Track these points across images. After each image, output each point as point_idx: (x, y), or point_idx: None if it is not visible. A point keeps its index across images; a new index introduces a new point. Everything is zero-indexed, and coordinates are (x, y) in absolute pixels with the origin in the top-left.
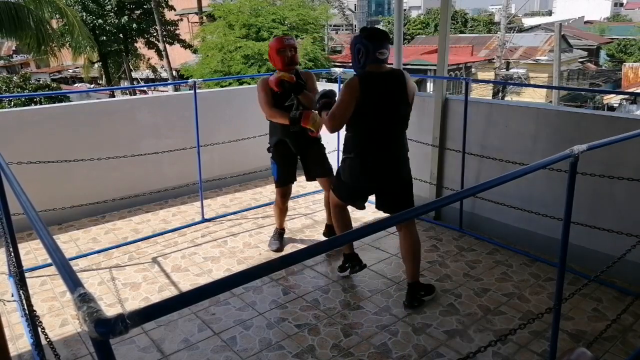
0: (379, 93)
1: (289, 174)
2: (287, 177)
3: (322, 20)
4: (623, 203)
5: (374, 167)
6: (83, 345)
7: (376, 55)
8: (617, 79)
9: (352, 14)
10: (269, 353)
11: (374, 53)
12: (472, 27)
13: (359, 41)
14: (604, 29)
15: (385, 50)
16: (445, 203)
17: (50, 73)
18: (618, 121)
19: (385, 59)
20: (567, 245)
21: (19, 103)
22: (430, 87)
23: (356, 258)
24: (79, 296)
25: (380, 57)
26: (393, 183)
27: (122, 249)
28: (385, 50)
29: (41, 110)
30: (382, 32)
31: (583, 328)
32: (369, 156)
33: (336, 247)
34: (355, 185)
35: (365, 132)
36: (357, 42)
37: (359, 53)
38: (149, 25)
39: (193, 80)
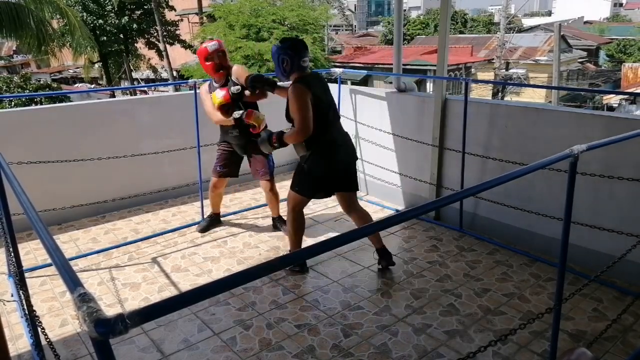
0: (321, 91)
1: (229, 169)
2: (226, 170)
3: (322, 21)
4: (623, 203)
5: (345, 152)
6: (83, 346)
7: (300, 63)
8: (616, 79)
9: (352, 15)
10: (269, 353)
11: (298, 62)
12: (472, 28)
13: (282, 52)
14: (603, 29)
15: (307, 59)
16: (445, 203)
17: (51, 73)
18: (617, 121)
19: (307, 66)
20: (567, 245)
21: (20, 103)
22: (430, 87)
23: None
24: (79, 296)
25: (304, 64)
26: (355, 161)
27: (122, 249)
28: (307, 58)
29: (42, 110)
30: (302, 43)
31: (583, 328)
32: (336, 144)
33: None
34: (329, 175)
35: (325, 125)
36: (280, 53)
37: (283, 62)
38: (149, 26)
39: (193, 80)
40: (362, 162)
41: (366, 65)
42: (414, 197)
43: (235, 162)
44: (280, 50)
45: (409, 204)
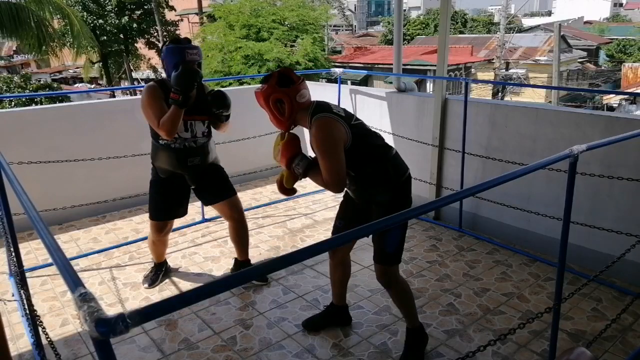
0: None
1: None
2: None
3: (322, 21)
4: (622, 203)
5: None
6: (83, 345)
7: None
8: (616, 79)
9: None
10: (269, 353)
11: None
12: (472, 28)
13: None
14: (603, 29)
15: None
16: (444, 203)
17: (51, 73)
18: (617, 121)
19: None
20: (566, 245)
21: (20, 103)
22: (430, 87)
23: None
24: (80, 296)
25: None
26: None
27: (122, 249)
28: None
29: (42, 110)
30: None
31: (582, 328)
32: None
33: (336, 247)
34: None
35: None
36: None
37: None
38: (149, 26)
39: None
40: None
41: (366, 65)
42: (413, 197)
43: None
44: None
45: None
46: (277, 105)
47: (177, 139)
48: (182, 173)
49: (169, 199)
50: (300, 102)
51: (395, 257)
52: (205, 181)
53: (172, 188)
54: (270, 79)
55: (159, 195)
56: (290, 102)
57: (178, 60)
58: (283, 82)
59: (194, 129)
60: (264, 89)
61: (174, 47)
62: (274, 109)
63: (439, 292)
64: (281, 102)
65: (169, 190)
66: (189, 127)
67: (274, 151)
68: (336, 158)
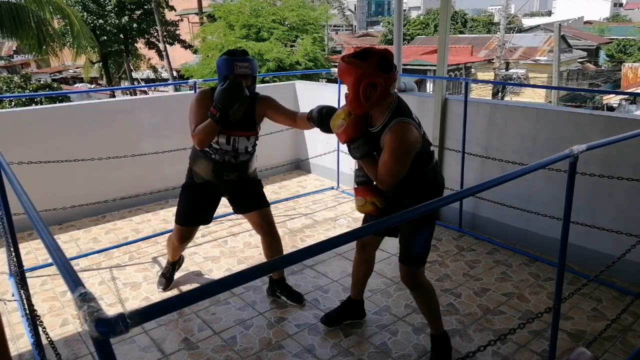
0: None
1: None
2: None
3: (322, 21)
4: (622, 203)
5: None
6: (84, 345)
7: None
8: (616, 79)
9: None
10: (269, 352)
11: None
12: (472, 28)
13: (371, 72)
14: (603, 29)
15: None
16: (444, 203)
17: (51, 73)
18: (617, 121)
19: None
20: (566, 245)
21: (20, 103)
22: (430, 87)
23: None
24: (80, 296)
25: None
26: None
27: (122, 249)
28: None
29: (42, 110)
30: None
31: (582, 328)
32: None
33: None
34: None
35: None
36: (368, 74)
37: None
38: (149, 26)
39: (193, 80)
40: None
41: None
42: None
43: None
44: (368, 71)
45: None
46: (368, 88)
47: (218, 151)
48: (217, 184)
49: (199, 205)
50: (390, 94)
51: (420, 259)
52: (239, 193)
53: (204, 194)
54: (370, 57)
55: (190, 199)
56: (382, 90)
57: (227, 73)
58: (383, 66)
59: (237, 145)
60: (360, 66)
61: (225, 59)
62: (362, 91)
63: (439, 292)
64: (374, 86)
65: (201, 196)
66: (232, 142)
67: (335, 120)
68: (403, 164)
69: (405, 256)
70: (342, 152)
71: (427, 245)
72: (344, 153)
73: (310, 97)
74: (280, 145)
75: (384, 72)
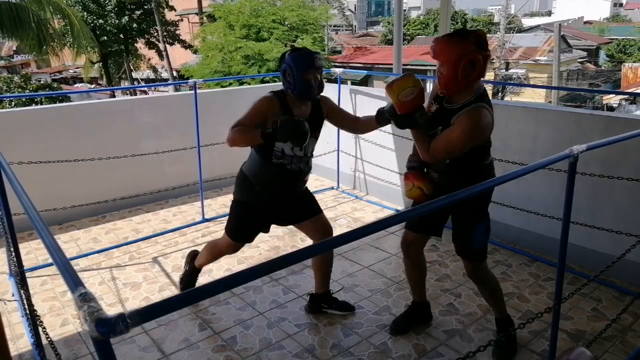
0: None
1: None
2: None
3: (322, 21)
4: (622, 203)
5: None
6: (84, 345)
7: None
8: (616, 79)
9: (352, 15)
10: (269, 353)
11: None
12: (472, 28)
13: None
14: (603, 29)
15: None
16: (444, 203)
17: (51, 73)
18: (617, 121)
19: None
20: (566, 245)
21: (20, 103)
22: (430, 87)
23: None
24: (80, 296)
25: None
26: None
27: (122, 249)
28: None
29: (42, 110)
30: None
31: (582, 328)
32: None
33: (336, 247)
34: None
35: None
36: (473, 50)
37: (475, 65)
38: (149, 26)
39: (193, 80)
40: (362, 162)
41: (366, 65)
42: None
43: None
44: (471, 49)
45: (409, 204)
46: (467, 66)
47: (293, 159)
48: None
49: (257, 222)
50: (484, 74)
51: (482, 253)
52: (302, 201)
53: (264, 210)
54: (469, 35)
55: (249, 215)
56: (481, 68)
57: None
58: (481, 44)
59: (307, 148)
60: (461, 43)
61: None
62: (462, 68)
63: (439, 292)
64: (473, 64)
65: (261, 213)
66: (304, 147)
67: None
68: (464, 146)
69: (466, 252)
70: (342, 152)
71: (486, 238)
72: (344, 153)
73: None
74: None
75: (484, 51)
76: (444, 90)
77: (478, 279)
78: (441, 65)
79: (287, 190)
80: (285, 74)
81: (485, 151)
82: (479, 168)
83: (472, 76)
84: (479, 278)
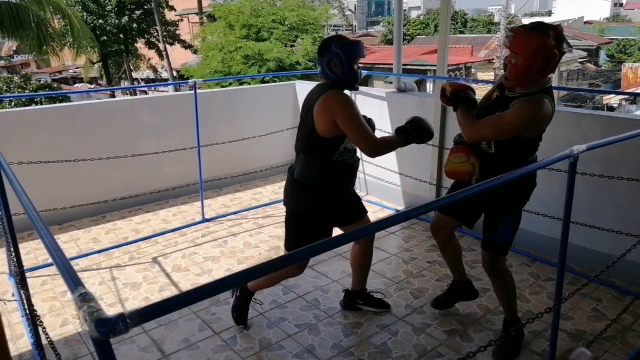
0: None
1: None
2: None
3: (322, 21)
4: (622, 203)
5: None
6: (83, 345)
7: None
8: (616, 79)
9: (352, 15)
10: (269, 353)
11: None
12: (472, 28)
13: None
14: (603, 29)
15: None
16: (445, 203)
17: (51, 73)
18: (617, 121)
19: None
20: (566, 245)
21: (20, 103)
22: (430, 87)
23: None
24: (80, 296)
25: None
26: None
27: (122, 249)
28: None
29: (42, 110)
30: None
31: (583, 328)
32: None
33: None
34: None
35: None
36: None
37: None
38: (149, 26)
39: (193, 80)
40: (362, 162)
41: (366, 65)
42: (413, 197)
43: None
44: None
45: (409, 204)
46: (543, 61)
47: (350, 152)
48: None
49: (324, 229)
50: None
51: (503, 247)
52: (353, 198)
53: (328, 214)
54: (549, 30)
55: (317, 223)
56: (553, 65)
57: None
58: (559, 40)
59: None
60: (543, 38)
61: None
62: (538, 63)
63: (439, 292)
64: (548, 60)
65: (326, 218)
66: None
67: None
68: (513, 130)
69: (488, 243)
70: None
71: (511, 236)
72: None
73: None
74: (281, 145)
75: (560, 46)
76: (512, 82)
77: (493, 273)
78: (514, 57)
79: (350, 186)
80: (331, 64)
81: (533, 147)
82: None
83: (544, 71)
84: (494, 272)
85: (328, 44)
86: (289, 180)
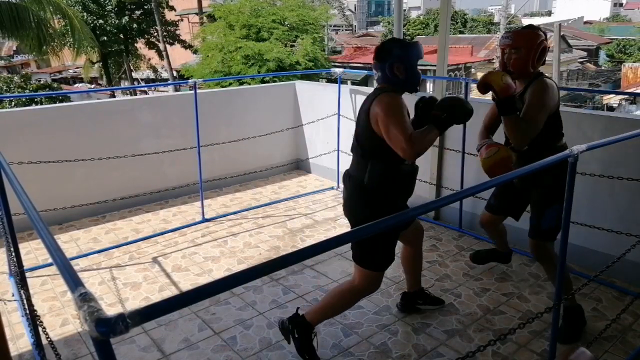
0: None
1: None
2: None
3: (322, 21)
4: (622, 203)
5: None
6: (84, 345)
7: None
8: (616, 79)
9: (352, 15)
10: (269, 353)
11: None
12: (472, 28)
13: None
14: (603, 29)
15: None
16: (444, 203)
17: (51, 73)
18: (617, 121)
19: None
20: (566, 245)
21: (20, 103)
22: (430, 87)
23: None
24: (80, 296)
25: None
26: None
27: (122, 249)
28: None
29: (42, 110)
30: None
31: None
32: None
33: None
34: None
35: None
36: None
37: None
38: (149, 26)
39: (193, 80)
40: None
41: (366, 65)
42: (413, 197)
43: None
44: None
45: (409, 203)
46: (540, 52)
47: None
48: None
49: (396, 235)
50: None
51: (549, 234)
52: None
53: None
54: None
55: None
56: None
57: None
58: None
59: None
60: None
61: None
62: (536, 53)
63: (439, 292)
64: (544, 51)
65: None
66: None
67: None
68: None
69: (534, 229)
70: (342, 152)
71: (557, 221)
72: (344, 153)
73: (310, 97)
74: (281, 145)
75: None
76: (516, 72)
77: (540, 258)
78: (515, 51)
79: (413, 189)
80: (394, 68)
81: (558, 129)
82: (555, 150)
83: (540, 60)
84: (541, 256)
85: (389, 48)
86: (352, 189)
